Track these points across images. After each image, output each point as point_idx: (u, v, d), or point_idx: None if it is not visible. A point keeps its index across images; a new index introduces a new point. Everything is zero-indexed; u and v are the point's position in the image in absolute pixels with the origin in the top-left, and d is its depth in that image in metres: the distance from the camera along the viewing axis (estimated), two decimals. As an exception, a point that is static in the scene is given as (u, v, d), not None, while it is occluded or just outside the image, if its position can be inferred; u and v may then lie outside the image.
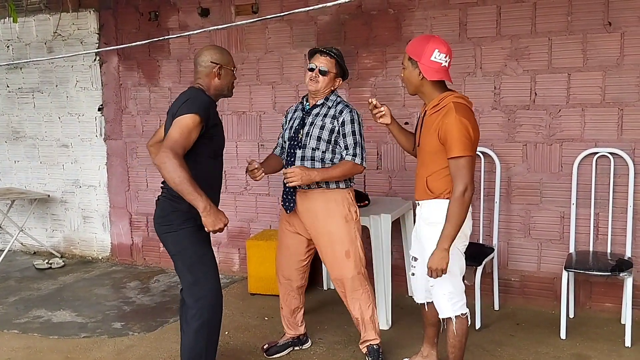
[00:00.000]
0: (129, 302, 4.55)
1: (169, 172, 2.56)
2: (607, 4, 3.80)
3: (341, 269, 3.26)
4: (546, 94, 4.01)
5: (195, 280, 2.82)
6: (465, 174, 2.64)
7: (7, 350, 3.70)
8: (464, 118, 2.66)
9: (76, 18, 5.47)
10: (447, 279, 2.77)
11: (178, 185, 2.56)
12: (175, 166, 2.55)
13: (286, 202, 3.30)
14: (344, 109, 3.23)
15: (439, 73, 2.72)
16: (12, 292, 4.82)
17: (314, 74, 3.21)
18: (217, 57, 2.88)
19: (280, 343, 3.52)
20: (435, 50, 2.70)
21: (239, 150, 4.98)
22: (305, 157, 3.21)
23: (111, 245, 5.69)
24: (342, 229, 3.23)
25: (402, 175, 4.47)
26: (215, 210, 2.63)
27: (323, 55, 3.21)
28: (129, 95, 5.40)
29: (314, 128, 3.21)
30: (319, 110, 3.26)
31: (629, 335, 3.52)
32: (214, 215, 2.61)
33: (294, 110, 3.39)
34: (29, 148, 5.95)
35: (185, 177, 2.55)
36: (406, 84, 2.88)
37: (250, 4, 4.79)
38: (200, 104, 2.72)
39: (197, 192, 2.57)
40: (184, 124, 2.64)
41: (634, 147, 3.84)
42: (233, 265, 5.15)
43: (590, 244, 3.95)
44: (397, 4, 4.35)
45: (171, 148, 2.58)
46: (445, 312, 2.87)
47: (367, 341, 3.36)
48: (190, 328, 2.83)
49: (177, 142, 2.61)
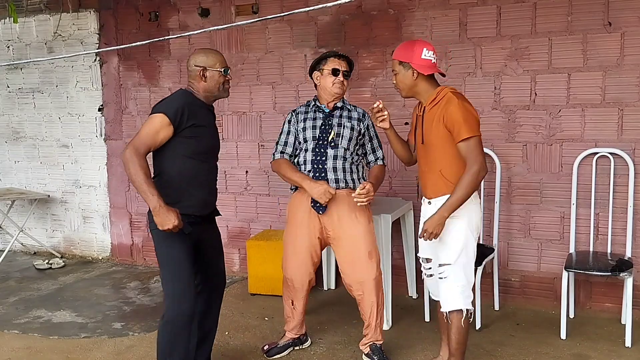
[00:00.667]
0: (129, 302, 4.55)
1: (129, 169, 2.68)
2: (607, 4, 3.80)
3: (363, 271, 3.24)
4: (546, 94, 4.01)
5: (163, 277, 2.89)
6: (478, 154, 2.75)
7: (8, 350, 3.70)
8: (466, 102, 2.81)
9: (76, 18, 5.47)
10: (462, 270, 2.85)
11: (134, 183, 2.69)
12: (134, 164, 2.66)
13: (318, 204, 3.24)
14: (364, 112, 3.38)
15: (432, 68, 2.88)
16: (12, 293, 4.81)
17: (340, 77, 3.25)
18: (200, 60, 2.93)
19: (281, 344, 3.51)
20: (424, 49, 2.86)
21: (239, 150, 4.98)
22: (337, 157, 3.25)
23: (111, 246, 5.69)
24: (367, 230, 3.26)
25: (402, 176, 4.47)
26: (166, 210, 2.67)
27: (341, 59, 3.28)
28: (129, 96, 5.40)
29: (344, 129, 3.28)
30: (341, 113, 3.33)
31: (629, 335, 3.52)
32: (162, 215, 2.67)
33: (305, 111, 3.38)
34: (29, 148, 5.96)
35: (141, 176, 2.65)
36: (400, 88, 2.96)
37: (251, 4, 4.79)
38: (171, 105, 2.79)
39: (149, 192, 2.65)
40: (150, 123, 2.76)
41: (634, 147, 3.84)
42: (233, 266, 5.15)
43: (591, 244, 3.95)
44: (397, 4, 4.35)
45: (135, 146, 2.70)
46: (455, 304, 2.88)
47: (372, 341, 3.36)
48: (159, 323, 2.89)
49: (142, 140, 2.73)
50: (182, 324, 2.82)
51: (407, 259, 4.37)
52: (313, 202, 3.25)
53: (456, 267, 2.85)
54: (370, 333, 3.36)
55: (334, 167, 3.23)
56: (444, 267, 2.88)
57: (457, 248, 2.84)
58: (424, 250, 3.05)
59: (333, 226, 3.26)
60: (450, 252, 2.85)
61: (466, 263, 2.85)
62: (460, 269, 2.85)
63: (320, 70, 3.30)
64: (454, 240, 2.84)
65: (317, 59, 3.34)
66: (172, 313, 2.81)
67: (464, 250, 2.85)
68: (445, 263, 2.87)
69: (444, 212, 2.77)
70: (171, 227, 2.68)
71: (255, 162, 4.97)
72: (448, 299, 2.90)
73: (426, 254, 3.04)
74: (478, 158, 2.74)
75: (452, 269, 2.85)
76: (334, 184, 3.23)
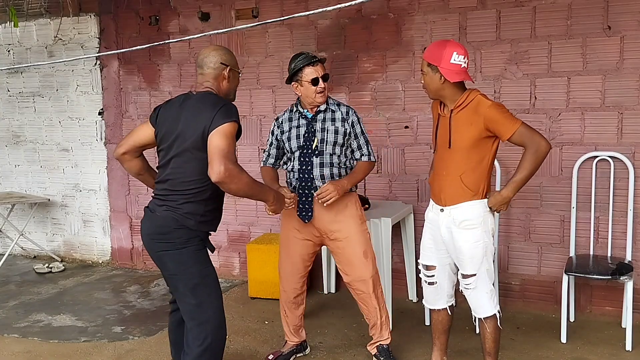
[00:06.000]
0: (129, 306, 4.55)
1: (240, 188, 2.48)
2: (606, 8, 3.81)
3: (361, 270, 3.25)
4: (546, 97, 4.01)
5: (198, 302, 2.61)
6: (533, 133, 2.75)
7: (7, 354, 3.70)
8: (496, 102, 2.84)
9: (77, 22, 5.48)
10: (487, 276, 2.86)
11: (248, 192, 2.55)
12: (243, 174, 2.49)
13: (304, 212, 3.23)
14: (348, 109, 3.28)
15: (460, 74, 2.77)
16: (13, 296, 4.81)
17: (321, 84, 3.16)
18: (226, 58, 2.72)
19: (285, 352, 3.49)
20: (454, 53, 2.75)
21: (240, 154, 4.93)
22: (324, 164, 3.20)
23: (111, 249, 5.69)
24: (359, 230, 3.26)
25: (402, 179, 4.47)
26: (281, 195, 2.85)
27: (316, 65, 3.16)
28: (129, 100, 5.41)
29: (328, 134, 3.21)
30: (324, 116, 3.25)
31: (629, 339, 3.51)
32: (280, 200, 2.80)
33: (289, 119, 3.32)
34: (30, 152, 5.96)
35: (251, 181, 2.54)
36: (427, 90, 2.89)
37: (251, 8, 4.80)
38: (234, 111, 2.58)
39: (265, 188, 2.73)
40: (228, 133, 2.49)
41: (634, 150, 3.84)
42: (233, 269, 5.15)
43: (591, 248, 3.95)
44: (397, 8, 4.35)
45: (230, 160, 2.44)
46: (487, 310, 2.89)
47: (379, 341, 3.37)
48: (193, 352, 2.62)
49: (230, 152, 2.47)
50: (221, 344, 2.71)
51: (407, 263, 4.37)
52: (299, 210, 3.25)
53: (481, 275, 2.85)
54: (376, 334, 3.36)
55: (321, 174, 3.20)
56: (470, 278, 2.87)
57: (479, 257, 2.83)
58: (427, 258, 3.03)
59: (325, 230, 3.26)
60: (473, 263, 2.84)
61: (489, 269, 2.86)
62: (484, 276, 2.85)
63: (298, 81, 3.20)
64: (474, 250, 2.83)
65: (293, 70, 3.18)
66: (213, 336, 2.63)
67: (485, 258, 2.84)
68: (470, 274, 2.86)
69: (510, 192, 2.78)
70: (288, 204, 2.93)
71: (255, 166, 4.94)
72: (479, 307, 2.91)
73: (431, 262, 3.02)
74: (534, 136, 2.74)
75: (478, 279, 2.85)
76: None
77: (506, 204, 2.84)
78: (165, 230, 2.60)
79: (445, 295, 3.05)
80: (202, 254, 2.64)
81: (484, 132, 2.76)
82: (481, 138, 2.77)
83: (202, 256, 2.65)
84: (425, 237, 3.03)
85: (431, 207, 2.99)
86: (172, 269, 2.64)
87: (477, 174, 2.82)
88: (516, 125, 2.74)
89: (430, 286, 3.06)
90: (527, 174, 2.76)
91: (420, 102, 4.28)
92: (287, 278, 3.41)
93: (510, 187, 2.79)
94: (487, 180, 2.87)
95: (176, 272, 2.62)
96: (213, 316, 2.64)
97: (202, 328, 2.62)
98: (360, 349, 3.59)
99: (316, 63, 3.17)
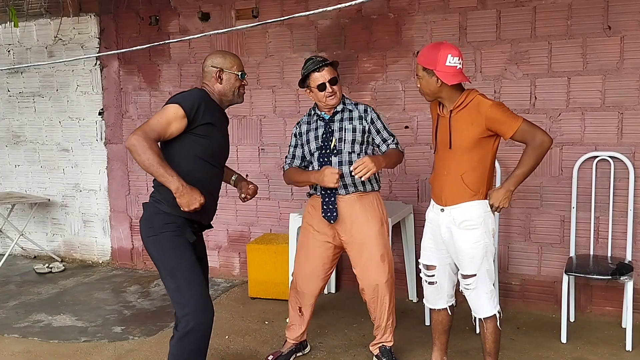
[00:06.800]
0: (129, 306, 4.55)
1: (138, 155, 2.53)
2: (606, 8, 3.81)
3: (377, 274, 3.23)
4: (546, 97, 4.01)
5: (177, 286, 2.68)
6: (534, 129, 2.75)
7: (7, 354, 3.70)
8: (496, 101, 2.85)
9: (77, 22, 5.48)
10: (487, 277, 2.86)
11: (148, 168, 2.55)
12: (144, 148, 2.52)
13: (329, 213, 3.21)
14: (366, 107, 3.31)
15: (456, 76, 2.77)
16: (13, 296, 4.81)
17: (329, 89, 3.17)
18: (218, 61, 2.85)
19: (285, 352, 3.49)
20: (449, 56, 2.74)
21: (240, 154, 4.99)
22: (342, 162, 3.20)
23: (111, 250, 5.69)
24: (379, 232, 3.25)
25: (402, 179, 4.47)
26: (189, 190, 2.58)
27: (322, 69, 3.17)
28: (129, 100, 5.41)
29: (345, 132, 3.22)
30: (341, 116, 3.27)
31: (629, 339, 3.51)
32: (187, 195, 2.57)
33: (307, 122, 3.35)
34: (30, 152, 5.96)
35: (155, 158, 2.53)
36: (424, 93, 2.88)
37: (251, 8, 4.80)
38: (187, 98, 2.68)
39: (168, 173, 2.55)
40: (164, 113, 2.64)
41: (634, 150, 3.84)
42: (233, 269, 5.15)
43: (591, 248, 3.95)
44: (397, 8, 4.36)
45: (144, 131, 2.56)
46: (487, 310, 2.90)
47: (382, 342, 3.37)
48: (176, 335, 2.67)
49: (152, 127, 2.59)
50: (203, 335, 2.68)
51: (407, 263, 4.37)
52: (323, 211, 3.23)
53: (481, 275, 2.85)
54: (380, 334, 3.36)
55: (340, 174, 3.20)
56: (470, 278, 2.87)
57: (479, 257, 2.83)
58: (428, 258, 3.03)
59: (345, 231, 3.24)
60: (473, 263, 2.84)
61: (489, 269, 2.86)
62: (485, 276, 2.86)
63: (307, 87, 3.24)
64: (474, 250, 2.83)
65: (302, 77, 3.22)
66: (193, 323, 2.63)
67: (485, 258, 2.84)
68: (470, 274, 2.87)
69: (510, 186, 2.79)
70: (197, 206, 2.58)
71: (255, 166, 4.97)
72: (480, 307, 2.91)
73: (431, 262, 3.02)
74: (536, 132, 2.74)
75: (478, 279, 2.85)
76: (342, 191, 3.21)
77: (508, 199, 2.82)
78: (148, 216, 2.78)
79: (445, 295, 3.05)
80: (179, 240, 2.71)
81: (485, 132, 2.76)
82: (482, 137, 2.78)
83: (180, 242, 2.71)
84: (425, 237, 3.04)
85: (432, 207, 2.99)
86: (153, 254, 2.75)
87: (478, 173, 2.82)
88: (518, 122, 2.74)
89: (431, 286, 3.06)
90: (528, 169, 2.77)
91: (420, 102, 4.26)
92: (307, 279, 3.37)
93: (511, 180, 2.80)
94: (489, 180, 2.87)
95: (156, 256, 2.73)
96: (192, 300, 2.67)
97: (185, 311, 2.66)
98: (360, 349, 3.59)
99: (322, 68, 3.17)
